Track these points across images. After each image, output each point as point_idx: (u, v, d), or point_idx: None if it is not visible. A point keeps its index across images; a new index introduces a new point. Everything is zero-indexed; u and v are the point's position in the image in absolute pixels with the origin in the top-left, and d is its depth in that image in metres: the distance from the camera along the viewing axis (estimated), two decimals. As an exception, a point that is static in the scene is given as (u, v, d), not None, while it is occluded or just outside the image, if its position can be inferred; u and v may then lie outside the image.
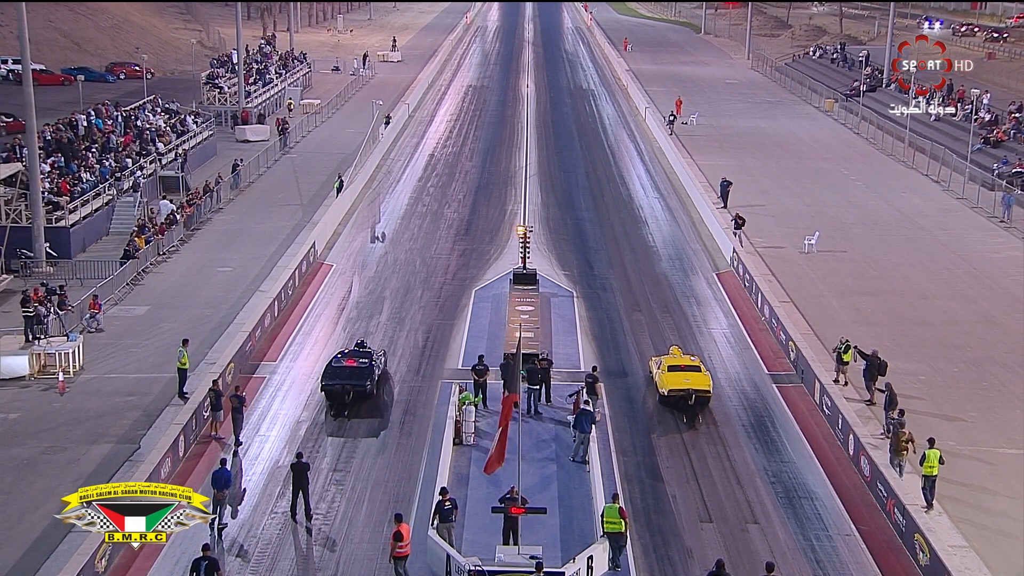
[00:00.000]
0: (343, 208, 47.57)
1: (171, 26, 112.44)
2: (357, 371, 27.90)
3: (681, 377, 28.07)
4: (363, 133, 59.31)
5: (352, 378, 27.74)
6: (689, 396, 27.67)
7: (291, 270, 37.44)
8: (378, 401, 28.64)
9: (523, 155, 58.73)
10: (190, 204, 45.46)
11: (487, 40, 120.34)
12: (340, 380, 27.74)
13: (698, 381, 27.99)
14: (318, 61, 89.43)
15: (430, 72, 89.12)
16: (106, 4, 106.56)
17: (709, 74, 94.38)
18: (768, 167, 57.77)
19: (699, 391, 27.77)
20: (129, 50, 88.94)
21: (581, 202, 50.56)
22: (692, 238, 45.13)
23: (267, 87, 71.74)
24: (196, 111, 60.40)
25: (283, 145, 60.20)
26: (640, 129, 68.65)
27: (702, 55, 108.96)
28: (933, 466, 24.06)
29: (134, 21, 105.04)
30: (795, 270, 40.49)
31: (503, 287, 37.63)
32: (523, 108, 73.77)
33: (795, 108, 77.52)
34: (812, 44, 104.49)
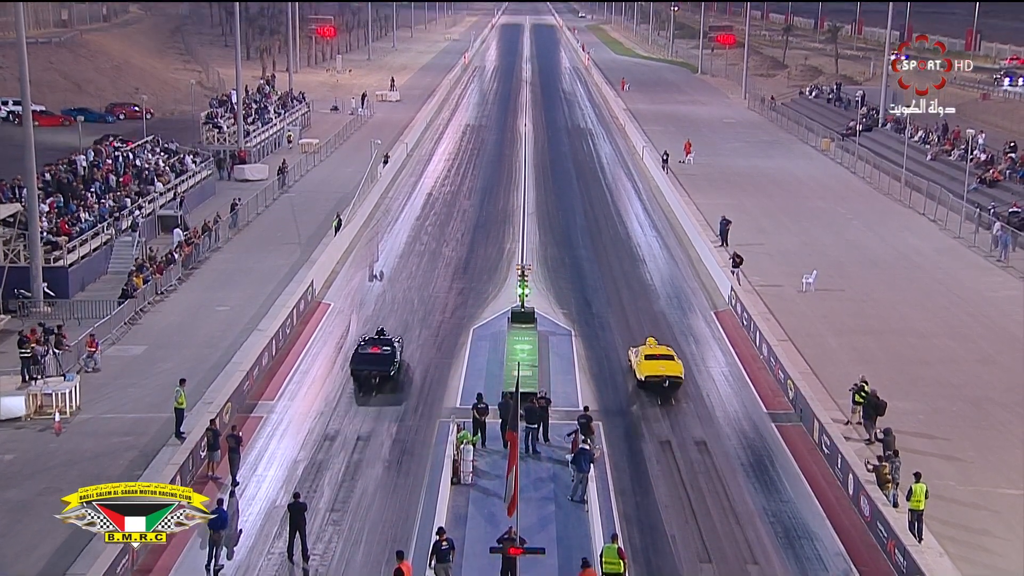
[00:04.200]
0: (341, 247, 47.72)
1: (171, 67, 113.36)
2: (381, 357, 31.89)
3: (657, 365, 31.76)
4: (361, 172, 59.61)
5: (377, 364, 31.66)
6: (664, 381, 31.36)
7: (289, 309, 37.50)
8: (398, 381, 32.42)
9: (521, 194, 58.95)
10: (188, 243, 45.60)
11: (485, 80, 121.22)
12: (367, 366, 31.62)
13: (671, 368, 31.78)
14: (317, 101, 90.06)
15: (428, 111, 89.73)
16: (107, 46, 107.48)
17: (706, 113, 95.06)
18: (766, 206, 58.03)
19: (672, 376, 31.51)
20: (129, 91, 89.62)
21: (579, 240, 50.74)
22: (690, 276, 45.25)
23: (266, 127, 72.17)
24: (195, 151, 60.75)
25: (281, 184, 60.47)
26: (638, 168, 69.04)
27: (699, 95, 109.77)
28: (920, 500, 24.07)
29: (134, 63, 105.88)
30: (793, 309, 40.57)
31: (501, 325, 37.67)
32: (521, 147, 74.18)
33: (792, 147, 78.01)
34: (808, 84, 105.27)
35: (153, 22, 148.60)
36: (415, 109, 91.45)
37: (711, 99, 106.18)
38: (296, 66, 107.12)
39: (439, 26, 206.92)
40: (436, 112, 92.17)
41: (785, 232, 52.54)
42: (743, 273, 42.96)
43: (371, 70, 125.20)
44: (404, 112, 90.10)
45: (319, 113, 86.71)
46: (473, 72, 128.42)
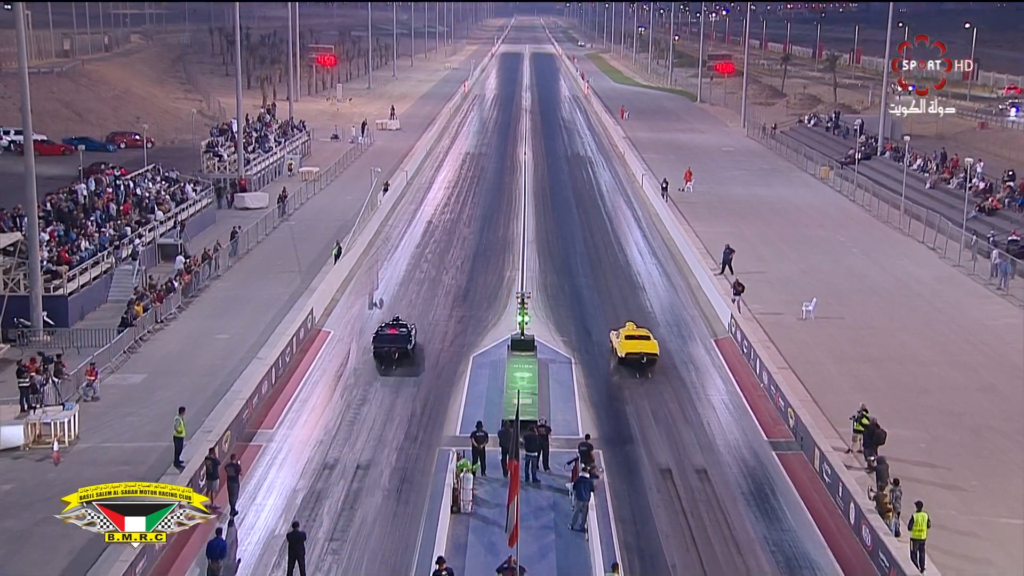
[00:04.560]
0: (341, 275, 47.79)
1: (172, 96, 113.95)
2: (399, 337, 37.12)
3: (635, 344, 36.50)
4: (361, 200, 59.80)
5: (396, 342, 36.89)
6: (641, 357, 36.20)
7: (289, 337, 37.51)
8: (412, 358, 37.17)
9: (521, 221, 59.16)
10: (188, 272, 45.67)
11: (485, 108, 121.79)
12: (387, 344, 36.82)
13: (648, 346, 36.57)
14: (317, 129, 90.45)
15: (428, 140, 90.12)
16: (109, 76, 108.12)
17: (705, 142, 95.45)
18: (765, 234, 58.17)
19: (648, 353, 36.47)
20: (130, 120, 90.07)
21: (579, 268, 50.82)
22: (690, 304, 45.29)
23: (266, 155, 72.44)
24: (195, 179, 60.95)
25: (282, 212, 60.63)
26: (637, 196, 69.26)
27: (698, 123, 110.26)
28: (922, 530, 24.00)
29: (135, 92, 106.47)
30: (793, 336, 40.58)
31: (501, 353, 37.67)
32: (521, 175, 74.45)
33: (791, 176, 78.27)
34: (807, 112, 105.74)
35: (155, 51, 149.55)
36: (415, 137, 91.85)
37: (710, 127, 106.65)
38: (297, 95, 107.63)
39: (439, 55, 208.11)
40: (436, 140, 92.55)
41: (785, 260, 52.63)
42: (743, 301, 43.02)
43: (371, 99, 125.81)
44: (404, 140, 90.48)
45: (319, 141, 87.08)
46: (473, 100, 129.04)
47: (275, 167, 72.75)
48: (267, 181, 69.63)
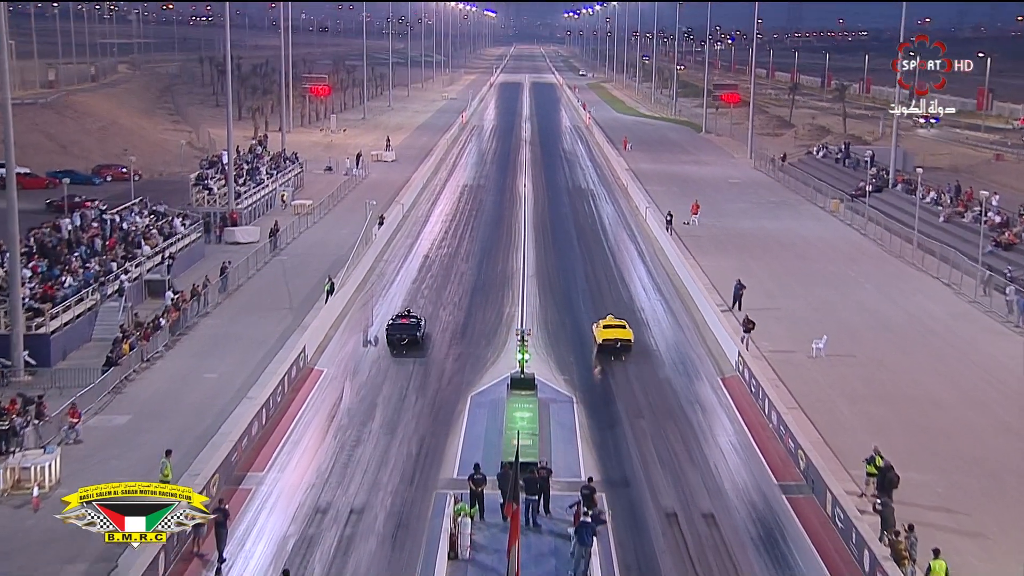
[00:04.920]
0: (335, 311, 47.78)
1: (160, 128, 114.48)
2: (409, 325, 43.30)
3: (611, 331, 42.81)
4: (356, 234, 59.92)
5: (407, 330, 43.06)
6: (616, 342, 42.31)
7: (280, 376, 37.44)
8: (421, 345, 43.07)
9: (520, 256, 59.23)
10: (176, 308, 45.68)
11: (483, 139, 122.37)
12: (399, 331, 42.89)
13: (622, 334, 42.76)
14: (310, 161, 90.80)
15: (425, 172, 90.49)
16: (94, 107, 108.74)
17: (711, 173, 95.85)
18: (773, 269, 58.26)
19: (622, 339, 42.51)
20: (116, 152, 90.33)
21: (580, 304, 50.84)
22: (696, 342, 45.28)
23: (258, 188, 72.65)
24: (184, 213, 61.10)
25: (273, 247, 60.74)
26: (641, 229, 69.44)
27: (704, 154, 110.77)
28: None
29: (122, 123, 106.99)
30: (803, 375, 40.53)
31: (500, 392, 37.60)
32: (520, 208, 74.66)
33: (800, 208, 78.50)
34: (816, 144, 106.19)
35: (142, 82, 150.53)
36: (411, 169, 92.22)
37: (716, 159, 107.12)
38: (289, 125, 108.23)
39: (436, 84, 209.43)
40: (433, 172, 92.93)
41: (794, 296, 52.67)
42: (751, 339, 43.01)
43: (366, 129, 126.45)
44: (400, 172, 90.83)
45: (312, 173, 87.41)
46: (471, 131, 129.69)
47: (267, 200, 72.96)
48: (258, 215, 69.79)
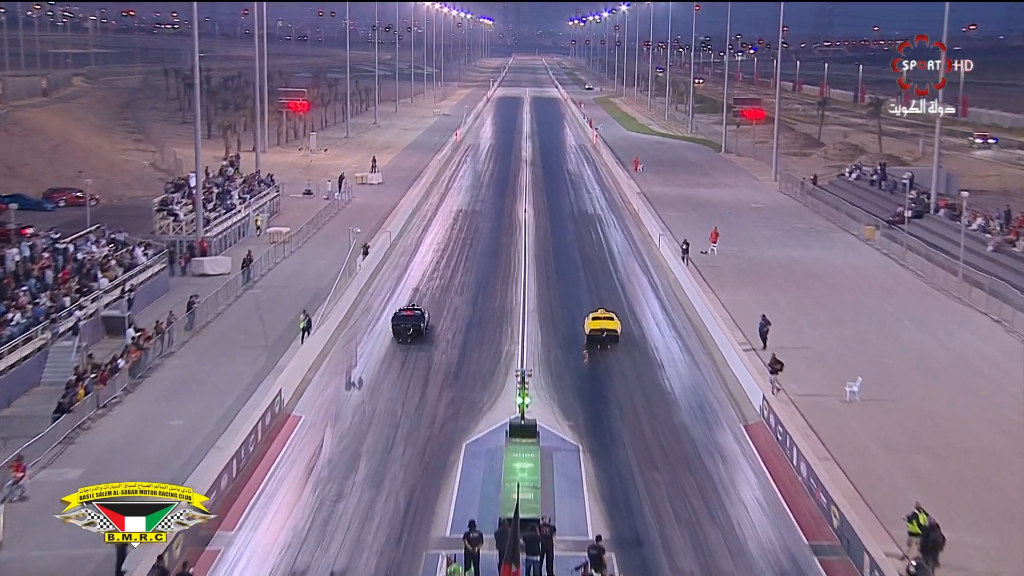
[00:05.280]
0: (314, 351, 47.83)
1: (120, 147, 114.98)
2: (414, 317, 50.69)
3: (599, 323, 49.94)
4: (338, 265, 60.07)
5: (411, 320, 50.36)
6: (603, 332, 49.51)
7: (253, 423, 37.44)
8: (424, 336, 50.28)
9: (521, 289, 59.35)
10: (137, 348, 45.71)
11: (479, 160, 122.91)
12: (404, 323, 50.18)
13: (609, 324, 50.03)
14: (287, 184, 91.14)
15: (415, 196, 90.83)
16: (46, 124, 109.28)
17: (732, 197, 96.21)
18: (802, 303, 58.38)
19: (608, 330, 49.72)
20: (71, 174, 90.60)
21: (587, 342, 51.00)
22: (716, 384, 45.33)
23: (229, 214, 72.87)
24: (146, 241, 61.25)
25: (246, 279, 60.86)
26: (654, 259, 69.64)
27: (724, 176, 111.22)
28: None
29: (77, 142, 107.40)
30: (836, 422, 40.53)
31: (498, 441, 37.60)
32: (520, 236, 74.88)
33: (831, 236, 78.76)
34: (848, 164, 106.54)
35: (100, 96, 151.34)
36: (399, 193, 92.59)
37: (737, 181, 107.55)
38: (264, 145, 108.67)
39: (427, 99, 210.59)
40: (424, 196, 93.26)
41: (824, 332, 52.74)
42: (777, 382, 43.04)
43: (349, 149, 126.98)
44: (387, 196, 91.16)
45: (290, 198, 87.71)
46: (466, 151, 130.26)
47: (239, 227, 73.17)
48: (229, 243, 69.98)
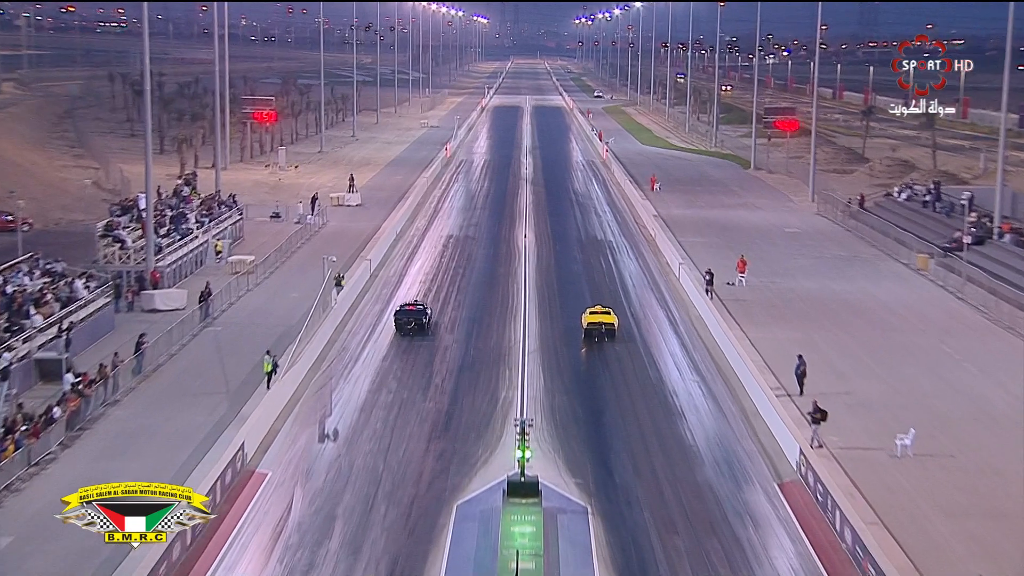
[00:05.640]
0: (283, 398, 47.72)
1: (57, 163, 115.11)
2: (416, 312, 59.25)
3: (596, 317, 57.78)
4: (310, 299, 60.01)
5: (414, 315, 58.86)
6: (600, 327, 57.37)
7: (211, 482, 37.26)
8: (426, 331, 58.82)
9: (520, 326, 59.33)
10: (77, 395, 45.55)
11: (473, 178, 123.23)
12: (407, 317, 58.70)
13: (606, 319, 57.94)
14: (252, 206, 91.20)
15: (399, 219, 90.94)
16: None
17: (762, 221, 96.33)
18: (844, 342, 58.33)
19: (606, 324, 57.65)
20: (0, 195, 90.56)
21: (597, 386, 51.00)
22: (745, 436, 45.24)
23: (184, 240, 72.85)
24: (88, 272, 61.19)
25: (204, 315, 60.80)
26: (673, 292, 69.64)
27: (753, 196, 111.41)
28: None
29: (6, 158, 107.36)
30: (885, 480, 40.39)
31: (494, 501, 37.46)
32: (520, 265, 74.95)
33: (877, 265, 78.77)
34: (898, 183, 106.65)
35: (34, 104, 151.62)
36: (381, 216, 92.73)
37: (768, 202, 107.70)
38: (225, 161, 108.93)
39: (413, 108, 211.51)
40: (409, 220, 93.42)
41: (870, 376, 52.66)
42: (819, 433, 42.93)
43: (324, 166, 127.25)
44: (367, 220, 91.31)
45: (255, 222, 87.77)
46: (458, 168, 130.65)
47: (196, 256, 73.14)
48: (185, 274, 69.94)
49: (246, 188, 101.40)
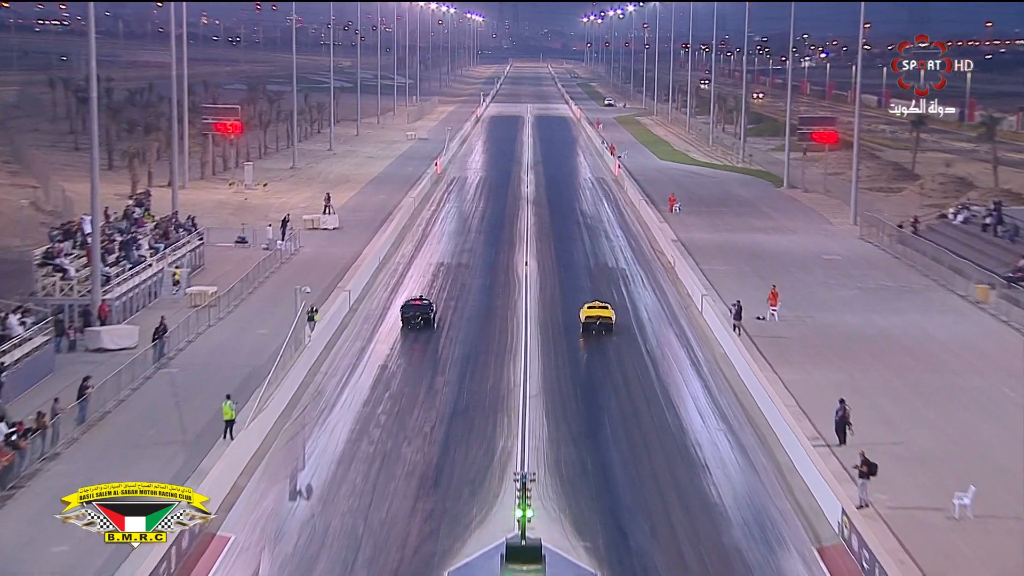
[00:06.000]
0: (248, 450, 47.62)
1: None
2: (423, 307, 68.12)
3: (593, 311, 67.09)
4: (281, 335, 59.99)
5: (420, 311, 67.84)
6: (596, 320, 66.63)
7: (164, 547, 37.07)
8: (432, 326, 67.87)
9: (521, 366, 59.34)
10: (10, 448, 45.41)
11: (467, 197, 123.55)
12: (413, 311, 67.63)
13: (603, 313, 67.32)
14: (215, 230, 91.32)
15: (382, 244, 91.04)
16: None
17: (797, 246, 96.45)
18: (892, 385, 58.28)
19: (603, 318, 66.91)
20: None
21: (608, 436, 50.91)
22: (778, 493, 45.19)
23: (136, 268, 72.76)
24: (24, 306, 61.14)
25: (158, 355, 60.71)
26: (695, 327, 69.65)
27: (786, 218, 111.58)
28: None
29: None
30: (941, 545, 40.31)
31: (491, 568, 37.36)
32: (520, 297, 75.05)
33: (929, 297, 78.77)
34: (953, 203, 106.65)
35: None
36: (362, 241, 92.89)
37: (804, 225, 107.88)
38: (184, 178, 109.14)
39: (398, 119, 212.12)
40: (394, 245, 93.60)
41: (923, 425, 52.58)
42: (868, 489, 42.82)
43: (296, 184, 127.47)
44: (345, 245, 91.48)
45: (218, 247, 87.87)
46: (450, 186, 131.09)
47: (150, 287, 73.08)
48: (137, 308, 69.89)
49: (207, 209, 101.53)
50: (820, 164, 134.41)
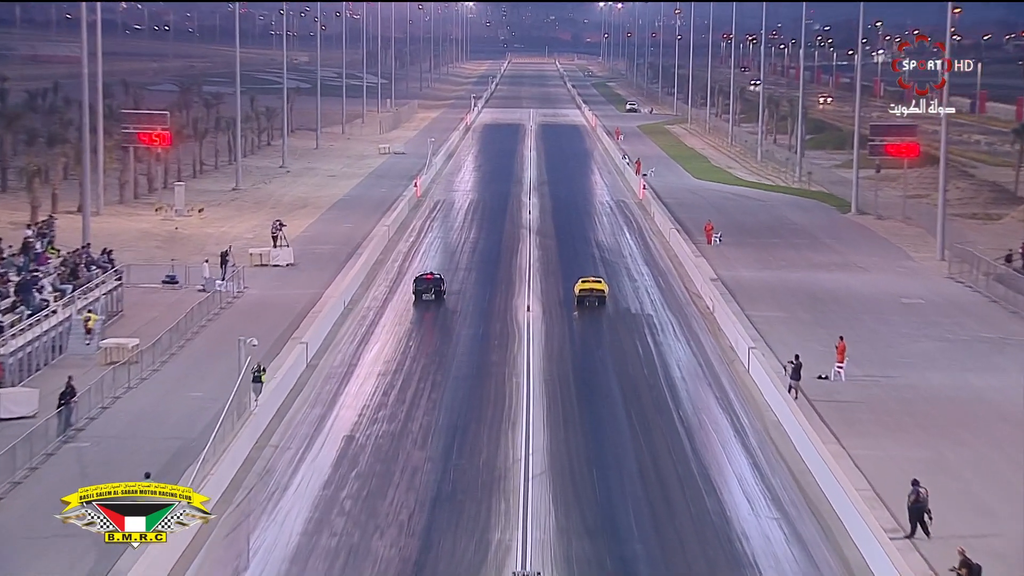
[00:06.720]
0: (178, 544, 47.49)
1: None
2: (434, 281, 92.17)
3: (587, 286, 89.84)
4: (220, 400, 60.00)
5: (431, 284, 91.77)
6: (591, 292, 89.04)
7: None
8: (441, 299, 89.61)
9: (521, 438, 59.26)
10: None
11: (454, 225, 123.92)
12: (425, 285, 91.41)
13: (596, 286, 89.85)
14: (137, 266, 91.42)
15: (348, 284, 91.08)
16: None
17: (868, 287, 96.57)
18: (989, 463, 58.21)
19: (596, 291, 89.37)
20: None
21: (631, 525, 50.93)
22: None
23: (36, 316, 72.77)
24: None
25: (64, 426, 60.61)
26: (739, 388, 69.62)
27: (854, 251, 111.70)
28: None
29: None
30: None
31: None
32: (521, 350, 75.04)
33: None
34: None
35: None
36: (323, 280, 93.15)
37: (878, 260, 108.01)
38: (98, 203, 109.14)
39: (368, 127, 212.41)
40: (363, 286, 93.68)
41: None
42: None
43: (240, 209, 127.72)
44: (302, 286, 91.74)
45: (141, 289, 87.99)
46: (433, 211, 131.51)
47: (54, 339, 73.07)
48: (38, 366, 69.94)
49: (128, 241, 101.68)
50: (898, 184, 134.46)
